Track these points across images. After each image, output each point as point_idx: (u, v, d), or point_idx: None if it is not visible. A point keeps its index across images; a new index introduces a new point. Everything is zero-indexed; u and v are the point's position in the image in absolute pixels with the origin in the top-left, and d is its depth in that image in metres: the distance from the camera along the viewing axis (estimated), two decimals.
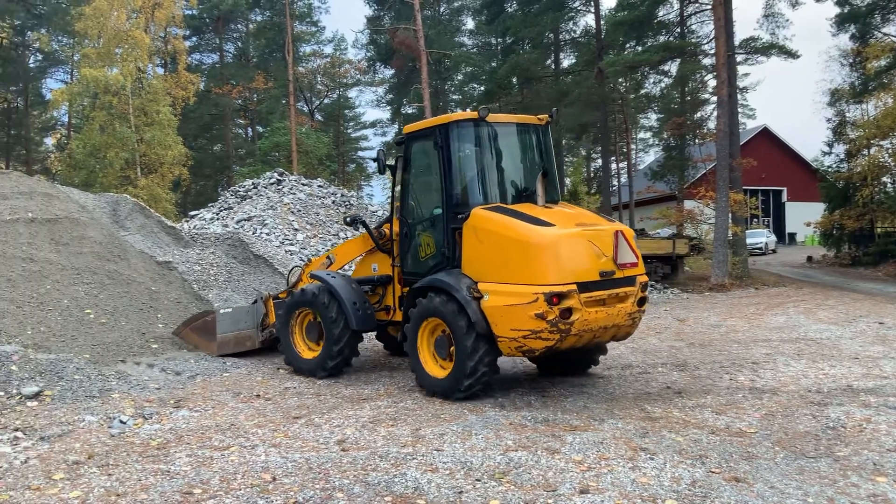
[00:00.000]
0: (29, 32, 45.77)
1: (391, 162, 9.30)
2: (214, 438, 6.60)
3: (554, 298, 7.34)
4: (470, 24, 52.81)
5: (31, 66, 48.01)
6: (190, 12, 47.48)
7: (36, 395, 8.08)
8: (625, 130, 46.69)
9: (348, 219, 10.08)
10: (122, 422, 7.19)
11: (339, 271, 10.36)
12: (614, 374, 9.53)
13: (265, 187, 23.70)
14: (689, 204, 30.60)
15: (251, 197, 23.25)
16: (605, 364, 10.24)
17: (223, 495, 5.03)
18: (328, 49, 56.58)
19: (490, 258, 7.88)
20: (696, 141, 32.13)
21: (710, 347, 11.60)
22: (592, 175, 58.12)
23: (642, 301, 8.30)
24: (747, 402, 7.87)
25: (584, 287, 7.55)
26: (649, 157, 59.71)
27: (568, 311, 7.43)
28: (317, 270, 10.20)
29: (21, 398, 8.01)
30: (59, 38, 45.76)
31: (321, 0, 64.93)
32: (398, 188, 9.33)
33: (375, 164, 9.27)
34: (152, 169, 35.86)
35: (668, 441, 6.30)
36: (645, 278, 8.37)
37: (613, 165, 46.24)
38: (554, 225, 7.69)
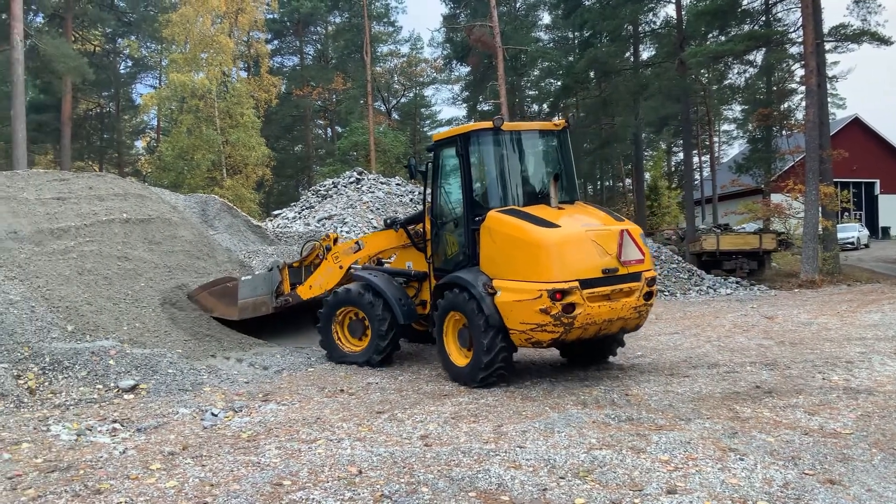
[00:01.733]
0: (119, 39, 47.71)
1: (422, 168, 10.02)
2: (302, 431, 6.75)
3: (557, 295, 8.00)
4: (546, 18, 52.46)
5: (122, 72, 49.99)
6: (271, 16, 48.66)
7: (132, 389, 8.45)
8: (707, 123, 45.54)
9: (388, 220, 10.67)
10: (213, 414, 7.43)
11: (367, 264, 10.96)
12: (700, 372, 9.31)
13: (345, 186, 24.11)
14: (776, 198, 29.59)
15: (331, 196, 23.69)
16: (691, 363, 10.04)
17: (312, 487, 5.14)
18: (405, 48, 57.13)
19: (502, 257, 8.56)
20: (784, 132, 31.04)
21: (801, 346, 11.21)
22: (673, 169, 56.90)
23: (649, 295, 8.86)
24: (842, 402, 7.57)
25: (586, 284, 8.18)
26: (733, 150, 58.12)
27: (571, 307, 8.07)
28: (359, 270, 10.69)
29: (118, 391, 8.39)
30: (148, 44, 47.54)
31: (398, 0, 65.69)
32: (429, 191, 10.02)
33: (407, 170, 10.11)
34: (237, 170, 36.89)
35: (759, 442, 6.12)
36: (652, 273, 8.95)
37: (696, 159, 45.17)
38: (559, 226, 8.33)
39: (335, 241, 11.28)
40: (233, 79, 38.42)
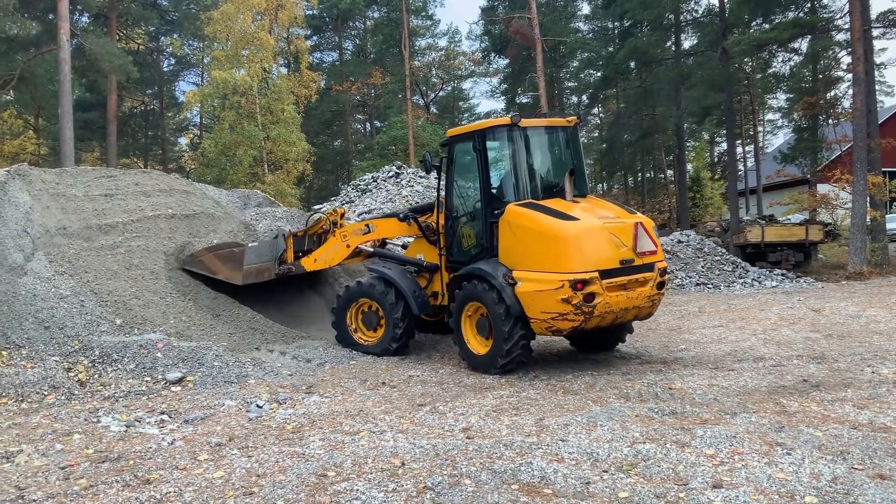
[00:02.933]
0: (162, 38, 48.32)
1: (436, 163, 10.22)
2: (345, 423, 6.82)
3: (578, 285, 8.35)
4: (586, 8, 52.01)
5: (165, 69, 50.64)
6: (311, 12, 48.92)
7: (179, 381, 8.62)
8: (751, 112, 44.69)
9: (401, 215, 10.81)
10: (258, 406, 7.55)
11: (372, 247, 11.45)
12: (746, 366, 9.18)
13: (384, 181, 24.19)
14: (822, 188, 28.99)
15: (371, 190, 23.78)
16: (736, 356, 9.91)
17: (355, 478, 5.19)
18: (443, 42, 57.21)
19: (522, 249, 8.87)
20: (830, 121, 30.34)
21: (850, 339, 10.98)
22: (716, 159, 56.00)
23: (661, 285, 9.26)
24: (892, 395, 7.40)
25: (605, 274, 8.54)
26: (778, 140, 57.05)
27: (591, 296, 8.43)
28: (374, 263, 11.12)
29: (166, 383, 8.57)
30: (190, 42, 48.09)
31: None
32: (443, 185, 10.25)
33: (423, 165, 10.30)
34: (278, 165, 37.22)
35: (806, 436, 6.02)
36: (664, 264, 9.33)
37: (739, 149, 44.35)
38: (578, 219, 8.70)
39: (342, 216, 11.66)
40: (273, 75, 38.70)
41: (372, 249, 11.50)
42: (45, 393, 8.03)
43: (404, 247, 12.05)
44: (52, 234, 10.96)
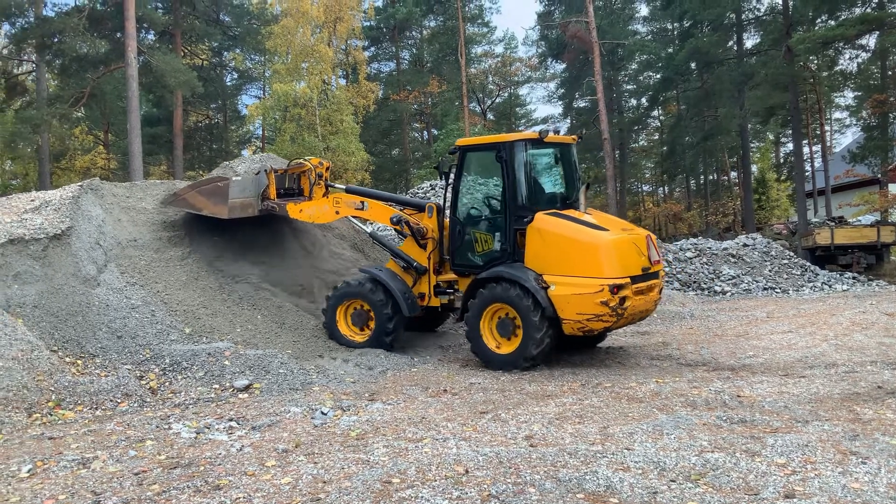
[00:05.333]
0: (225, 53, 49.50)
1: (446, 170, 10.67)
2: (408, 431, 6.85)
3: (615, 289, 9.14)
4: (644, 10, 51.35)
5: (228, 84, 51.82)
6: (368, 23, 49.50)
7: (246, 388, 8.79)
8: (818, 111, 43.47)
9: (394, 218, 10.98)
10: (323, 413, 7.64)
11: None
12: (817, 373, 8.92)
13: (442, 188, 24.27)
14: (894, 188, 28.02)
15: (429, 198, 23.89)
16: (807, 362, 9.64)
17: (420, 486, 5.21)
18: (499, 48, 57.05)
19: (555, 255, 9.52)
20: None
21: None
22: (782, 160, 54.62)
23: (661, 290, 10.42)
24: None
25: (633, 280, 9.44)
26: (846, 139, 55.41)
27: (623, 299, 9.26)
28: (366, 265, 11.88)
29: (233, 390, 8.75)
30: (252, 56, 49.12)
31: (492, 0, 65.50)
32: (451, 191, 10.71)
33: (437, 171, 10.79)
34: (338, 175, 37.69)
35: (882, 444, 5.81)
36: (663, 272, 10.49)
37: (806, 149, 43.18)
38: (608, 230, 9.64)
39: (327, 168, 11.95)
40: (332, 87, 39.25)
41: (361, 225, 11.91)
42: (119, 400, 8.28)
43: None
44: (123, 246, 11.32)
